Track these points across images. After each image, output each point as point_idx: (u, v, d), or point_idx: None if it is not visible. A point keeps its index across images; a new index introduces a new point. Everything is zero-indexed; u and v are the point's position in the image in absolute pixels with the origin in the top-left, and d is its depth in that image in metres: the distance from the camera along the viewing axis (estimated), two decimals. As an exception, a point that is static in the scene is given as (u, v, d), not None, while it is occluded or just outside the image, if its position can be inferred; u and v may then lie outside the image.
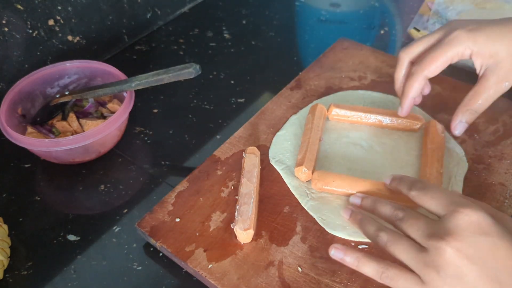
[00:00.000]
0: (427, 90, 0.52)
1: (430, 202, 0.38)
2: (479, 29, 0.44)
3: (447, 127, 0.56)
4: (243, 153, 0.52)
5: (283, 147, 0.54)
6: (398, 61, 0.50)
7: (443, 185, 0.49)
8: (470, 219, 0.34)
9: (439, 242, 0.34)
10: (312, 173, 0.49)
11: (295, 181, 0.50)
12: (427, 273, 0.34)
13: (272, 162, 0.52)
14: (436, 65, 0.45)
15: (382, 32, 0.77)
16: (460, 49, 0.45)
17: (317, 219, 0.47)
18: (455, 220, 0.34)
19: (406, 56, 0.49)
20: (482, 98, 0.46)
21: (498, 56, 0.44)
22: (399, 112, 0.51)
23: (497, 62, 0.44)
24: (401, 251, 0.36)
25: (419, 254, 0.35)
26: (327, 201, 0.48)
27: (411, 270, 0.35)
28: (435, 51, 0.45)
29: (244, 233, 0.44)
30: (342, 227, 0.46)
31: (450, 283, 0.33)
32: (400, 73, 0.50)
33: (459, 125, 0.48)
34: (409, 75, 0.48)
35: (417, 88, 0.47)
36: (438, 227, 0.35)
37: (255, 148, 0.52)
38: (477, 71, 0.46)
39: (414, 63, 0.48)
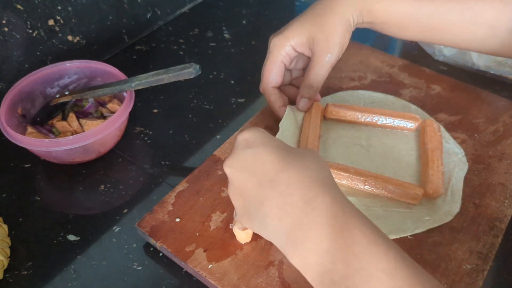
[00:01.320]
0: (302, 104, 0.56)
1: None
2: (287, 28, 0.52)
3: (447, 127, 0.56)
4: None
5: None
6: (268, 95, 0.57)
7: (443, 185, 0.49)
8: (242, 137, 0.38)
9: (224, 164, 0.39)
10: None
11: None
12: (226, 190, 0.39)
13: None
14: (273, 75, 0.55)
15: (382, 32, 0.77)
16: (282, 52, 0.53)
17: None
18: (235, 143, 0.39)
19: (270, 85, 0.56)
20: (313, 73, 0.52)
21: (314, 37, 0.51)
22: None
23: (315, 42, 0.51)
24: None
25: None
26: None
27: None
28: (265, 64, 0.55)
29: (242, 233, 0.44)
30: None
31: (234, 195, 0.38)
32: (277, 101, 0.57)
33: (302, 101, 0.55)
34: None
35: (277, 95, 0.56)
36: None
37: (255, 148, 0.52)
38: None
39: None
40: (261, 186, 0.36)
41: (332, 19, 0.51)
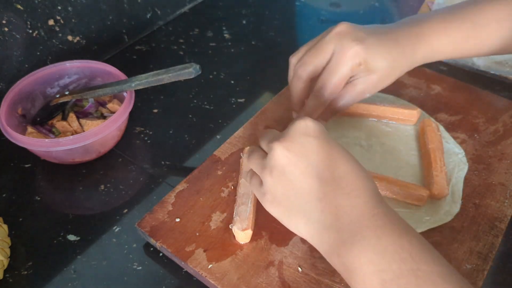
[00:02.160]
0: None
1: (261, 143, 0.43)
2: (367, 39, 0.45)
3: (447, 127, 0.56)
4: (241, 153, 0.52)
5: None
6: (290, 66, 0.50)
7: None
8: (300, 124, 0.38)
9: (274, 143, 0.38)
10: None
11: None
12: (263, 174, 0.39)
13: None
14: (337, 90, 0.47)
15: (382, 32, 0.77)
16: (354, 62, 0.45)
17: None
18: (290, 127, 0.38)
19: (306, 72, 0.48)
20: (345, 100, 0.48)
21: (375, 69, 0.46)
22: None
23: (370, 74, 0.46)
24: (252, 161, 0.41)
25: (262, 160, 0.40)
26: None
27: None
28: (333, 75, 0.45)
29: (242, 233, 0.44)
30: None
31: (279, 181, 0.37)
32: (303, 92, 0.49)
33: (312, 112, 0.49)
34: (315, 101, 0.47)
35: (319, 109, 0.48)
36: (278, 134, 0.40)
37: (254, 148, 0.52)
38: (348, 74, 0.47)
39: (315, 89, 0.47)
40: (321, 180, 0.36)
41: (397, 65, 0.47)
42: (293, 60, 0.49)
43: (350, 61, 0.44)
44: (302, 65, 0.47)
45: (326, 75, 0.46)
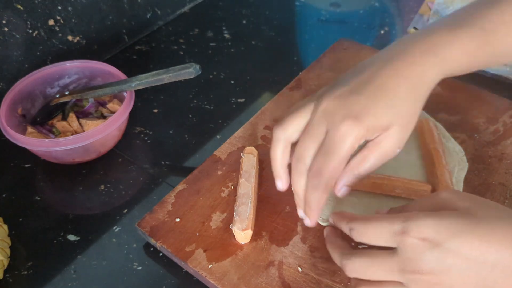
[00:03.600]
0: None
1: (373, 237, 0.35)
2: (357, 108, 0.37)
3: (447, 127, 0.56)
4: (241, 153, 0.52)
5: None
6: (274, 138, 0.42)
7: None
8: (419, 237, 0.32)
9: (413, 275, 0.32)
10: None
11: None
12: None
13: None
14: (337, 173, 0.39)
15: (382, 32, 0.77)
16: (354, 142, 0.37)
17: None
18: (407, 247, 0.32)
19: (283, 134, 0.41)
20: (371, 163, 0.39)
21: (390, 125, 0.38)
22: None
23: (389, 131, 0.38)
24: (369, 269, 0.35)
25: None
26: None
27: None
28: (331, 158, 0.37)
29: (242, 233, 0.44)
30: None
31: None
32: (278, 152, 0.42)
33: (343, 188, 0.40)
34: (312, 188, 0.39)
35: (323, 199, 0.40)
36: (400, 261, 0.33)
37: (253, 148, 0.52)
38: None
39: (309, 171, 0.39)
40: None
41: (410, 98, 0.38)
42: (282, 136, 0.41)
43: (348, 140, 0.37)
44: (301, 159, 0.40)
45: (320, 159, 0.38)
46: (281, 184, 0.43)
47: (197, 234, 0.46)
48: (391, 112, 0.37)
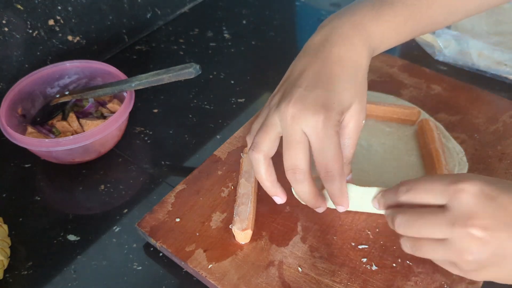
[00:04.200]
0: None
1: (425, 196, 0.36)
2: (329, 95, 0.39)
3: (447, 127, 0.56)
4: (241, 153, 0.52)
5: None
6: (255, 161, 0.42)
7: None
8: (473, 192, 0.33)
9: (464, 228, 0.32)
10: None
11: None
12: (462, 264, 0.33)
13: None
14: (341, 158, 0.40)
15: (382, 32, 0.77)
16: (336, 129, 0.39)
17: None
18: (461, 201, 0.33)
19: (261, 154, 0.41)
20: (352, 144, 0.42)
21: (351, 103, 0.40)
22: (341, 209, 0.44)
23: (351, 109, 0.41)
24: (427, 252, 0.35)
25: (446, 250, 0.34)
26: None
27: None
28: (331, 153, 0.39)
29: (242, 233, 0.44)
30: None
31: (491, 262, 0.32)
32: (263, 172, 0.42)
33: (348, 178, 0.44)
34: (331, 183, 0.40)
35: (345, 184, 0.42)
36: (451, 216, 0.33)
37: (255, 148, 0.52)
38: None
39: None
40: None
41: (357, 75, 0.41)
42: (262, 156, 0.42)
43: (330, 129, 0.38)
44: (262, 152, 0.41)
45: (321, 159, 0.39)
46: (280, 200, 0.44)
47: (197, 234, 0.46)
48: (347, 93, 0.40)
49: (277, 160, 0.42)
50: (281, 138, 0.41)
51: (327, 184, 0.41)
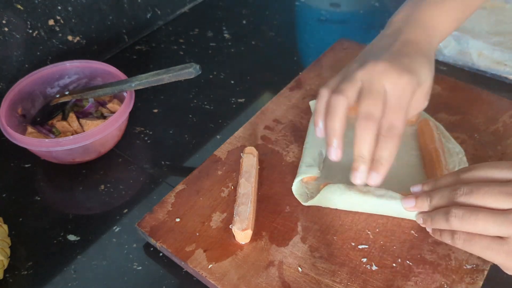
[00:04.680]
0: None
1: (488, 199, 0.37)
2: (414, 68, 0.43)
3: (447, 127, 0.56)
4: (241, 153, 0.52)
5: None
6: (336, 105, 0.43)
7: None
8: None
9: None
10: None
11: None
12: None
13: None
14: (404, 122, 0.43)
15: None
16: (413, 93, 0.43)
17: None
18: None
19: (345, 100, 0.43)
20: (416, 109, 0.47)
21: (426, 80, 0.44)
22: (374, 181, 0.43)
23: (423, 85, 0.44)
24: (481, 249, 0.37)
25: (500, 248, 0.36)
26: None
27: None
28: (400, 111, 0.42)
29: (242, 233, 0.44)
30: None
31: None
32: (341, 117, 0.43)
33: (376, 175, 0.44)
34: (387, 141, 0.42)
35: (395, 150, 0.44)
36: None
37: (253, 148, 0.52)
38: None
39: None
40: None
41: (430, 62, 0.45)
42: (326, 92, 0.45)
43: (408, 92, 0.42)
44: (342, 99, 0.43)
45: (391, 115, 0.42)
46: (335, 153, 0.44)
47: (197, 234, 0.46)
48: (426, 70, 0.44)
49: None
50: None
51: (383, 143, 0.42)
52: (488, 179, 0.38)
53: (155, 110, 0.64)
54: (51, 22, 0.64)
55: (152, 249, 0.48)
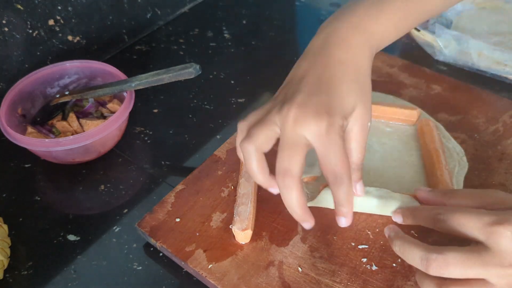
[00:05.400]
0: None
1: (462, 225, 0.36)
2: (333, 99, 0.39)
3: (447, 127, 0.56)
4: (243, 153, 0.52)
5: None
6: (246, 153, 0.39)
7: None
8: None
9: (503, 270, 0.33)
10: None
11: None
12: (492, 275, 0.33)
13: None
14: (348, 162, 0.38)
15: (382, 32, 0.77)
16: (341, 134, 0.38)
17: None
18: (499, 246, 0.33)
19: (253, 146, 0.39)
20: (360, 148, 0.40)
21: (355, 106, 0.39)
22: (343, 223, 0.41)
23: (355, 112, 0.39)
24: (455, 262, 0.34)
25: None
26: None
27: None
28: (338, 155, 0.37)
29: (242, 233, 0.44)
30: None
31: None
32: (254, 165, 0.40)
33: (359, 185, 0.43)
34: (338, 187, 0.39)
35: (351, 192, 0.40)
36: (498, 257, 0.33)
37: (255, 148, 0.52)
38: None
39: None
40: None
41: (358, 78, 0.40)
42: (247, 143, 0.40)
43: (335, 135, 0.37)
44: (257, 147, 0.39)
45: (327, 160, 0.38)
46: (275, 190, 0.41)
47: (197, 234, 0.46)
48: (350, 97, 0.39)
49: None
50: (277, 141, 0.39)
51: (334, 189, 0.39)
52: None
53: (155, 110, 0.64)
54: (51, 22, 0.64)
55: (152, 249, 0.48)
